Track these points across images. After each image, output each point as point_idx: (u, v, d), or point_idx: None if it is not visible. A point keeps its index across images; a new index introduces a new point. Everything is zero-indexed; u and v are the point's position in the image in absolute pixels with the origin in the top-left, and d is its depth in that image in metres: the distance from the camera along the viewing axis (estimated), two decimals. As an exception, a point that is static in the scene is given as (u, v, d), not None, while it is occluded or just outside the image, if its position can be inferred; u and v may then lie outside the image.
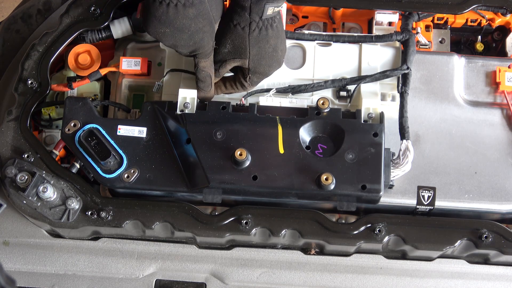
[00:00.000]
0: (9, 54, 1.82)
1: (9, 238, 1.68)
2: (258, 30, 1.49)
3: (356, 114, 1.61)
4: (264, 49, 1.52)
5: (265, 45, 1.51)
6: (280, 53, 1.55)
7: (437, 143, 1.67)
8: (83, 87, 1.76)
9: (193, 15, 1.45)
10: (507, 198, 1.63)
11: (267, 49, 1.52)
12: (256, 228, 1.58)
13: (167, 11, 1.44)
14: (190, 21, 1.46)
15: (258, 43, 1.51)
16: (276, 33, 1.51)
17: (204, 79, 1.58)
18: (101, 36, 1.76)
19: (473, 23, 1.86)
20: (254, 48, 1.51)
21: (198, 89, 1.62)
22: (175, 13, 1.44)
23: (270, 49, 1.52)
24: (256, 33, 1.49)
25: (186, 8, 1.44)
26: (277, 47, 1.53)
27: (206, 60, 1.55)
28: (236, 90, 1.64)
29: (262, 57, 1.53)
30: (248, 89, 1.63)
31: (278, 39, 1.53)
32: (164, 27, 1.47)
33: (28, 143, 1.64)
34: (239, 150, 1.54)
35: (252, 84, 1.61)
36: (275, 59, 1.55)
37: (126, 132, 1.60)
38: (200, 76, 1.58)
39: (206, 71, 1.57)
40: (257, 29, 1.49)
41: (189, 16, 1.45)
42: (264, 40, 1.50)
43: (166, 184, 1.57)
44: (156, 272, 1.67)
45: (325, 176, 1.53)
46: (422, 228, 1.59)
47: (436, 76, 1.72)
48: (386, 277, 1.66)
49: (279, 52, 1.54)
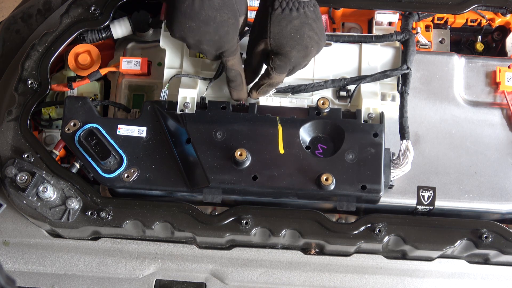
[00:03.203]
0: (9, 54, 1.82)
1: (9, 238, 1.68)
2: (281, 9, 1.48)
3: (356, 114, 1.61)
4: (285, 28, 1.49)
5: (287, 25, 1.49)
6: (307, 39, 1.51)
7: (437, 143, 1.67)
8: (83, 87, 1.76)
9: (218, 6, 1.47)
10: (507, 198, 1.63)
11: (289, 29, 1.49)
12: (256, 228, 1.58)
13: (192, 2, 1.46)
14: (216, 12, 1.47)
15: (279, 22, 1.49)
16: (303, 17, 1.49)
17: (234, 78, 1.58)
18: (101, 36, 1.76)
19: (473, 23, 1.86)
20: (275, 26, 1.50)
21: (231, 89, 1.61)
22: (200, 4, 1.46)
23: (292, 29, 1.49)
24: (278, 12, 1.48)
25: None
26: (303, 31, 1.50)
27: (234, 58, 1.56)
28: (266, 82, 1.59)
29: (282, 36, 1.50)
30: (274, 77, 1.57)
31: (305, 24, 1.50)
32: (190, 21, 1.48)
33: (28, 143, 1.64)
34: (239, 150, 1.54)
35: (276, 69, 1.55)
36: (298, 41, 1.51)
37: (126, 132, 1.60)
38: (231, 76, 1.58)
39: (235, 69, 1.57)
40: (280, 8, 1.48)
41: (215, 7, 1.46)
42: (286, 20, 1.49)
43: (166, 184, 1.57)
44: (156, 272, 1.67)
45: (325, 176, 1.53)
46: (422, 228, 1.59)
47: (436, 76, 1.72)
48: (386, 277, 1.66)
49: (305, 37, 1.51)
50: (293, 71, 1.59)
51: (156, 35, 1.78)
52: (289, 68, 1.56)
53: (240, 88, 1.60)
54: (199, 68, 1.69)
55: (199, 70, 1.69)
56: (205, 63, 1.70)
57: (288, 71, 1.58)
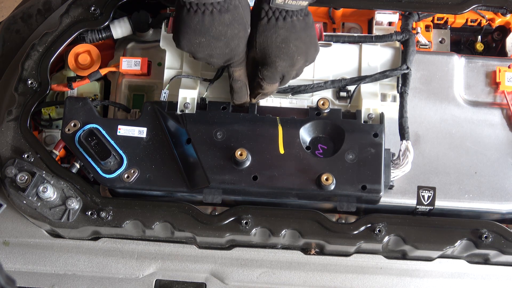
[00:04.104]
0: (9, 54, 1.82)
1: (9, 238, 1.68)
2: (267, 19, 1.46)
3: (356, 114, 1.61)
4: (270, 38, 1.48)
5: (272, 35, 1.47)
6: (293, 48, 1.49)
7: (437, 143, 1.67)
8: (83, 87, 1.76)
9: (229, 21, 1.44)
10: (507, 198, 1.63)
11: (274, 39, 1.48)
12: (256, 228, 1.58)
13: (202, 19, 1.43)
14: (226, 28, 1.45)
15: (264, 32, 1.48)
16: (290, 26, 1.47)
17: (239, 89, 1.57)
18: (101, 36, 1.76)
19: (473, 23, 1.86)
20: (260, 36, 1.48)
21: (234, 100, 1.60)
22: (211, 21, 1.43)
23: (278, 39, 1.48)
24: (264, 22, 1.47)
25: (222, 14, 1.43)
26: (289, 41, 1.48)
27: (241, 69, 1.55)
28: (260, 92, 1.59)
29: (268, 46, 1.49)
30: (265, 88, 1.57)
31: (292, 34, 1.48)
32: (200, 37, 1.45)
33: (28, 143, 1.64)
34: (239, 150, 1.54)
35: (266, 80, 1.55)
36: (284, 51, 1.49)
37: (126, 132, 1.60)
38: (236, 87, 1.57)
39: (241, 80, 1.56)
40: (266, 18, 1.46)
41: (225, 23, 1.44)
42: (271, 29, 1.47)
43: (166, 184, 1.57)
44: (156, 272, 1.67)
45: (325, 177, 1.53)
46: (422, 228, 1.59)
47: (436, 76, 1.72)
48: (386, 277, 1.66)
49: (291, 46, 1.49)
50: (284, 80, 1.58)
51: (156, 35, 1.78)
52: (279, 77, 1.55)
53: (243, 99, 1.60)
54: (199, 69, 1.69)
55: (199, 70, 1.69)
56: (206, 64, 1.70)
57: (280, 81, 1.57)
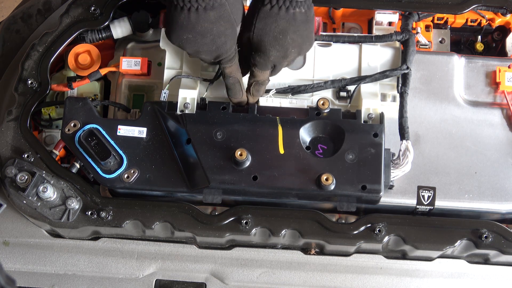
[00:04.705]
0: (9, 54, 1.82)
1: (9, 238, 1.68)
2: (270, 6, 1.48)
3: (356, 114, 1.61)
4: (269, 26, 1.49)
5: (272, 24, 1.49)
6: (289, 41, 1.51)
7: (437, 143, 1.67)
8: (83, 87, 1.76)
9: (214, 18, 1.47)
10: (507, 198, 1.63)
11: (273, 28, 1.49)
12: (256, 228, 1.58)
13: (188, 16, 1.46)
14: (212, 25, 1.47)
15: (265, 19, 1.49)
16: (291, 18, 1.49)
17: (232, 86, 1.58)
18: (101, 36, 1.76)
19: (473, 23, 1.86)
20: (260, 22, 1.50)
21: (230, 97, 1.61)
22: (196, 18, 1.46)
23: (276, 29, 1.49)
24: (266, 8, 1.48)
25: (207, 11, 1.46)
26: (286, 33, 1.50)
27: (232, 65, 1.56)
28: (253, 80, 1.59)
29: (265, 33, 1.50)
30: (257, 74, 1.58)
31: (291, 26, 1.49)
32: (187, 33, 1.48)
33: (28, 143, 1.64)
34: (239, 150, 1.54)
35: (257, 66, 1.56)
36: (280, 42, 1.51)
37: (126, 132, 1.60)
38: (229, 83, 1.58)
39: (233, 76, 1.57)
40: (270, 5, 1.48)
41: (210, 20, 1.47)
42: (272, 18, 1.49)
43: (166, 185, 1.57)
44: (156, 272, 1.67)
45: (325, 177, 1.53)
46: (422, 228, 1.59)
47: (436, 76, 1.72)
48: (386, 277, 1.66)
49: (287, 39, 1.51)
50: (275, 70, 1.59)
51: (156, 35, 1.78)
52: (270, 66, 1.57)
53: (239, 96, 1.61)
54: (199, 69, 1.69)
55: (199, 71, 1.69)
56: (206, 64, 1.70)
57: (271, 69, 1.58)
